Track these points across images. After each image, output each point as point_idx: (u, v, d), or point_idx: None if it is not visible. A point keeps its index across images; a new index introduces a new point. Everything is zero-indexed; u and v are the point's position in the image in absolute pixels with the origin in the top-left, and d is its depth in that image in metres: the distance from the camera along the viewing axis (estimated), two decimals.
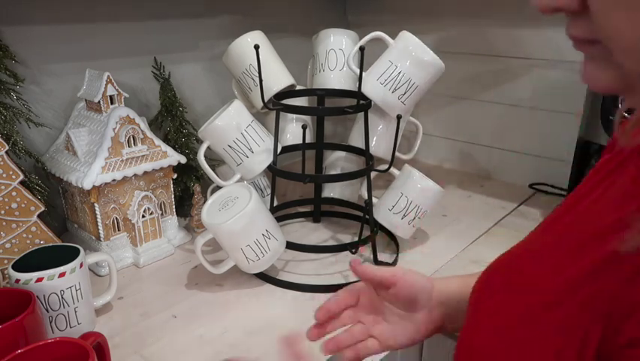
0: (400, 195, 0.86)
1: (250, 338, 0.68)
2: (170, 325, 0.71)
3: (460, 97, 1.23)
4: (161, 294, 0.78)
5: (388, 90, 0.81)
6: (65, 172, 0.81)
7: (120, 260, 0.85)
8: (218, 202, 0.78)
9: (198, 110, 1.09)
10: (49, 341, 0.51)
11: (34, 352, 0.50)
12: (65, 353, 0.51)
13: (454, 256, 0.88)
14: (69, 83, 0.89)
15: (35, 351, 0.50)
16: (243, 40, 0.88)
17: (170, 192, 0.92)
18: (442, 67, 0.81)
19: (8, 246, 0.72)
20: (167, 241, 0.90)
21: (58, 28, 0.88)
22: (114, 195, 0.83)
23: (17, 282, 0.62)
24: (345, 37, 0.94)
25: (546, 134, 1.12)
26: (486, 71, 1.17)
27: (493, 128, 1.20)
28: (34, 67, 0.85)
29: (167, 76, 1.00)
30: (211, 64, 1.10)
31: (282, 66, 0.91)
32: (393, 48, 0.81)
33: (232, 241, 0.75)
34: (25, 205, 0.72)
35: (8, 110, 0.78)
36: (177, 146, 0.97)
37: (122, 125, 0.81)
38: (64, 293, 0.64)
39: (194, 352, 0.65)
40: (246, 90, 0.91)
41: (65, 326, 0.66)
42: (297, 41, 1.11)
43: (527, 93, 1.12)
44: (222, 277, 0.81)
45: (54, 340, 0.52)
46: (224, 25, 1.09)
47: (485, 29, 1.14)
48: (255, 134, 0.85)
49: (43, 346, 0.51)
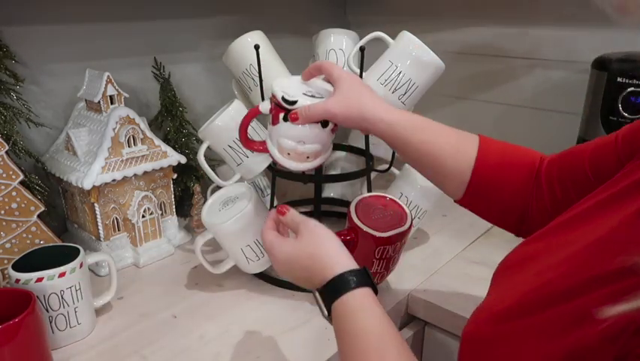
0: (399, 195, 0.86)
1: (250, 338, 0.68)
2: (170, 325, 0.71)
3: (460, 97, 1.23)
4: (161, 294, 0.78)
5: (388, 90, 0.81)
6: (65, 172, 0.81)
7: (120, 260, 0.85)
8: (218, 202, 0.78)
9: (198, 110, 1.09)
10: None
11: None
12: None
13: (454, 256, 0.88)
14: (69, 83, 0.89)
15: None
16: (243, 40, 0.87)
17: (170, 192, 0.92)
18: (442, 67, 0.81)
19: (8, 246, 0.72)
20: (167, 241, 0.90)
21: (58, 28, 0.88)
22: (114, 195, 0.83)
23: (17, 282, 0.62)
24: (345, 37, 0.94)
25: (546, 134, 1.12)
26: (486, 71, 1.17)
27: (493, 128, 1.19)
28: (34, 67, 0.85)
29: (167, 76, 1.00)
30: (211, 64, 1.10)
31: (282, 66, 0.91)
32: (394, 48, 0.81)
33: (232, 241, 0.75)
34: (25, 205, 0.72)
35: (8, 110, 0.78)
36: (177, 146, 0.97)
37: (122, 125, 0.81)
38: (64, 293, 0.64)
39: (194, 352, 0.65)
40: (246, 90, 0.91)
41: (65, 325, 0.66)
42: (297, 41, 1.11)
43: (527, 93, 1.12)
44: (222, 277, 0.81)
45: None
46: (224, 25, 1.09)
47: (485, 29, 1.14)
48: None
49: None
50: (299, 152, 0.64)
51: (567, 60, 1.04)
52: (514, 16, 1.08)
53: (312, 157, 0.65)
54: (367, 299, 0.48)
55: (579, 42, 1.01)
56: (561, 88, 1.06)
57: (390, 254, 0.70)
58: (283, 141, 0.64)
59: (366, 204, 0.72)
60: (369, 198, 0.73)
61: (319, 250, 0.52)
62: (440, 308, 0.74)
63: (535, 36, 1.07)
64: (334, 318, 0.48)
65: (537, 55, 1.09)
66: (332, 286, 0.49)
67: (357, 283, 0.48)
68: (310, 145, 0.64)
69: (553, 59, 1.07)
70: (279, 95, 0.62)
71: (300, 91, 0.64)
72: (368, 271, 0.50)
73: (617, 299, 0.31)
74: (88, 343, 0.67)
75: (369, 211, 0.71)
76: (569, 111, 1.04)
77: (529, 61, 1.10)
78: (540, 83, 1.10)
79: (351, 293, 0.47)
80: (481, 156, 0.59)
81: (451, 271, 0.84)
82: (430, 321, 0.78)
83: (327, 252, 0.52)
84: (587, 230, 0.40)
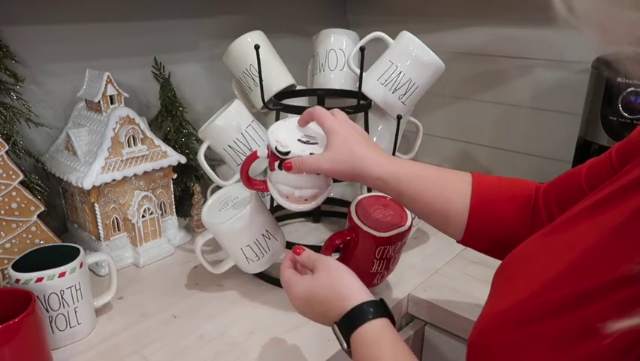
0: None
1: (250, 338, 0.68)
2: (170, 325, 0.71)
3: (460, 97, 1.23)
4: (161, 294, 0.78)
5: (389, 90, 0.81)
6: (65, 172, 0.81)
7: (120, 260, 0.85)
8: (218, 202, 0.78)
9: (198, 110, 1.09)
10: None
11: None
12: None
13: (454, 256, 0.88)
14: (69, 83, 0.89)
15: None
16: (243, 40, 0.88)
17: (170, 192, 0.92)
18: (442, 67, 0.81)
19: (8, 246, 0.72)
20: (167, 241, 0.90)
21: (58, 28, 0.88)
22: (114, 195, 0.83)
23: (17, 282, 0.62)
24: (345, 37, 0.94)
25: (546, 134, 1.12)
26: (486, 71, 1.17)
27: (493, 129, 1.20)
28: (34, 67, 0.85)
29: (167, 76, 1.00)
30: (211, 64, 1.10)
31: (282, 66, 0.91)
32: (394, 48, 0.81)
33: (232, 241, 0.75)
34: (25, 205, 0.72)
35: (8, 110, 0.78)
36: (177, 146, 0.97)
37: (122, 125, 0.81)
38: (64, 293, 0.64)
39: (194, 352, 0.65)
40: (246, 90, 0.91)
41: (65, 326, 0.66)
42: (297, 41, 1.11)
43: (527, 93, 1.12)
44: (222, 277, 0.81)
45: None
46: (224, 25, 1.09)
47: (485, 29, 1.14)
48: (255, 134, 0.85)
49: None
50: (296, 196, 0.65)
51: (567, 60, 1.04)
52: (514, 17, 1.08)
53: (311, 200, 0.66)
54: (386, 330, 0.48)
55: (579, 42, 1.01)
56: (561, 88, 1.06)
57: (391, 254, 0.70)
58: (281, 186, 0.65)
59: (366, 204, 0.72)
60: (369, 198, 0.73)
61: (337, 283, 0.52)
62: (440, 308, 0.75)
63: (535, 36, 1.07)
64: (353, 349, 0.48)
65: (537, 55, 1.09)
66: (350, 318, 0.49)
67: (375, 313, 0.48)
68: (307, 190, 0.65)
69: (553, 59, 1.07)
70: (273, 145, 0.63)
71: (294, 137, 0.65)
72: (384, 302, 0.51)
73: (622, 313, 0.31)
74: (88, 343, 0.67)
75: (370, 211, 0.71)
76: (569, 111, 1.04)
77: (529, 61, 1.10)
78: (540, 83, 1.10)
79: (369, 324, 0.48)
80: (475, 195, 0.59)
81: (451, 271, 0.84)
82: (430, 321, 0.78)
83: (344, 284, 0.52)
84: (588, 230, 0.39)
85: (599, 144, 0.88)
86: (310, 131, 0.67)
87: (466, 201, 0.59)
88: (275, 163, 0.64)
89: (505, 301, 0.42)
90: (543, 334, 0.36)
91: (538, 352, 0.36)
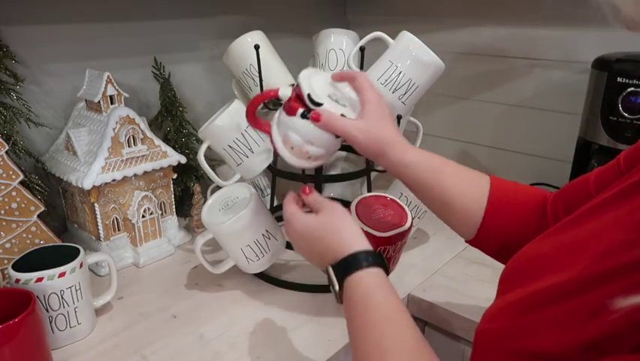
0: (399, 194, 0.86)
1: (250, 338, 0.68)
2: (170, 325, 0.71)
3: (460, 97, 1.23)
4: (161, 294, 0.78)
5: (389, 90, 0.81)
6: (65, 172, 0.81)
7: (120, 260, 0.85)
8: (218, 202, 0.78)
9: (198, 110, 1.09)
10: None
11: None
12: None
13: (454, 256, 0.89)
14: (69, 83, 0.89)
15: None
16: (243, 40, 0.87)
17: (170, 192, 0.92)
18: (442, 67, 0.81)
19: (8, 246, 0.72)
20: (167, 241, 0.90)
21: (58, 28, 0.88)
22: (114, 195, 0.83)
23: (17, 282, 0.62)
24: (345, 37, 0.94)
25: (546, 134, 1.12)
26: (486, 71, 1.17)
27: (493, 128, 1.20)
28: (34, 67, 0.85)
29: (167, 76, 1.00)
30: (211, 64, 1.10)
31: (282, 66, 0.91)
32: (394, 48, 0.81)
33: (232, 241, 0.75)
34: (25, 205, 0.72)
35: (8, 110, 0.78)
36: (177, 146, 0.97)
37: (122, 125, 0.81)
38: (64, 293, 0.64)
39: (194, 352, 0.65)
40: (246, 90, 0.91)
41: (65, 325, 0.66)
42: (297, 41, 1.11)
43: (527, 93, 1.12)
44: (222, 277, 0.81)
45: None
46: (224, 25, 1.09)
47: (485, 29, 1.14)
48: (255, 134, 0.85)
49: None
50: (303, 150, 0.62)
51: (567, 60, 1.04)
52: (514, 17, 1.08)
53: (313, 159, 0.63)
54: (380, 278, 0.49)
55: (579, 42, 1.01)
56: (561, 88, 1.06)
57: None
58: (292, 134, 0.61)
59: (366, 204, 0.72)
60: (369, 198, 0.73)
61: (341, 225, 0.53)
62: (440, 308, 0.75)
63: (535, 36, 1.07)
64: (346, 293, 0.49)
65: (537, 55, 1.09)
66: (347, 263, 0.50)
67: (372, 262, 0.50)
68: (317, 148, 0.62)
69: (553, 59, 1.07)
70: (306, 91, 0.59)
71: (325, 92, 0.62)
72: (382, 256, 0.52)
73: (632, 291, 0.32)
74: (88, 343, 0.67)
75: (370, 211, 0.71)
76: (569, 111, 1.04)
77: (529, 61, 1.10)
78: (540, 83, 1.10)
79: (365, 271, 0.49)
80: (493, 196, 0.59)
81: (451, 271, 0.84)
82: (430, 321, 0.78)
83: (347, 228, 0.53)
84: (598, 225, 0.40)
85: (599, 144, 0.88)
86: (339, 92, 0.64)
87: (482, 201, 0.59)
88: (298, 109, 0.60)
89: (514, 293, 0.42)
90: (553, 316, 0.36)
91: (548, 333, 0.36)
